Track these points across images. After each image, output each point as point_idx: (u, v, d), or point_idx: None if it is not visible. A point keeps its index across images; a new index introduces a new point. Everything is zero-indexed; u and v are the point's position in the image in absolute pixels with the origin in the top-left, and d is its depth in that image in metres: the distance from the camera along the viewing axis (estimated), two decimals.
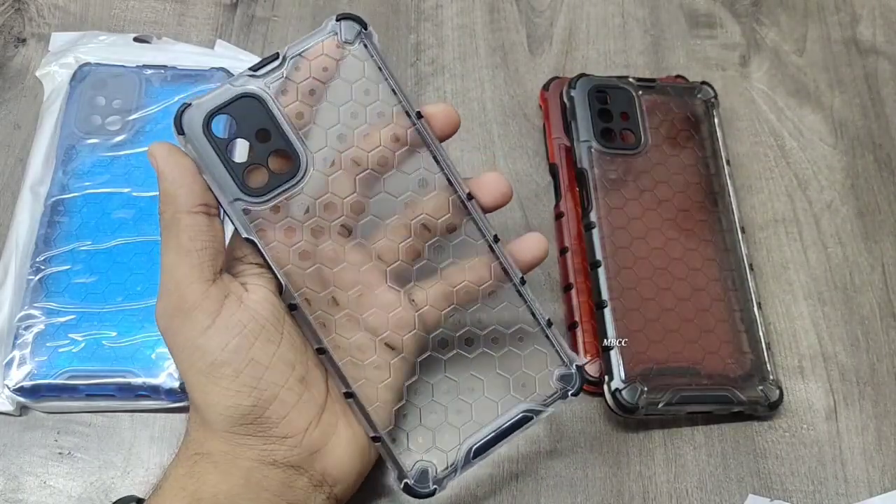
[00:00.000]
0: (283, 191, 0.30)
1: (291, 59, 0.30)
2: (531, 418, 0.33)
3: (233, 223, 0.30)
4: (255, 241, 0.30)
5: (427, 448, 0.32)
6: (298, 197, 0.30)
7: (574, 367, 0.33)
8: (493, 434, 0.32)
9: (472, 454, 0.32)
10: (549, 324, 0.33)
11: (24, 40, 0.47)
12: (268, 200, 0.30)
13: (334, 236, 0.31)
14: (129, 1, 0.48)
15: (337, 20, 0.31)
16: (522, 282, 0.33)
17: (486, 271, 0.33)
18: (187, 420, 0.31)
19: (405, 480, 0.31)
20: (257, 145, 0.30)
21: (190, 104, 0.29)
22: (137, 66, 0.43)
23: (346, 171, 0.31)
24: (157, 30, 0.47)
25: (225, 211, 0.30)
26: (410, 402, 0.32)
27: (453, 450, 0.32)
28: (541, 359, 0.33)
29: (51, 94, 0.43)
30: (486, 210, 0.33)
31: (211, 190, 0.29)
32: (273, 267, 0.30)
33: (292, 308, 0.30)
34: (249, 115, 0.30)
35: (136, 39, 0.45)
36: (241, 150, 0.30)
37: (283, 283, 0.30)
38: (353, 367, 0.31)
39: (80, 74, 0.43)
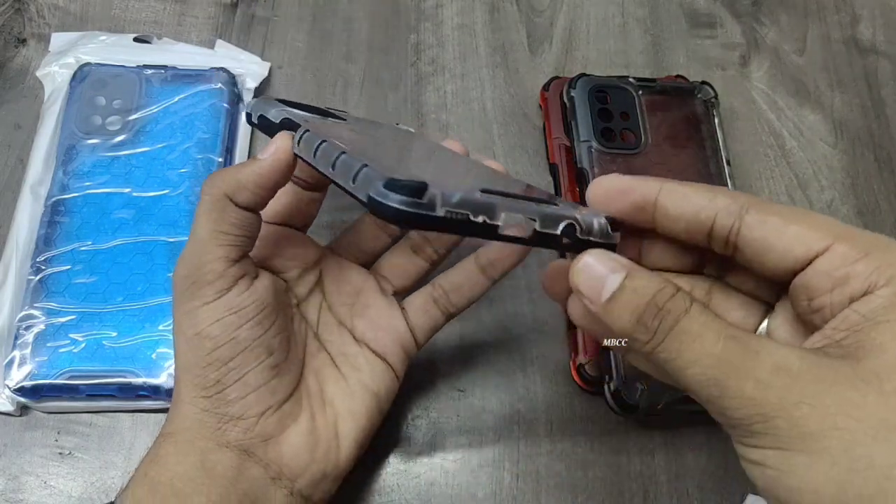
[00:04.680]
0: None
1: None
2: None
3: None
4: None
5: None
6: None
7: None
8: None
9: None
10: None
11: (24, 40, 0.47)
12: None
13: None
14: (129, 1, 0.48)
15: None
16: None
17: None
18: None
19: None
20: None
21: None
22: (137, 66, 0.43)
23: None
24: (157, 30, 0.47)
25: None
26: None
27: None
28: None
29: (51, 95, 0.43)
30: None
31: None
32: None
33: None
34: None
35: (136, 39, 0.45)
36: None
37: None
38: None
39: (81, 74, 0.43)
